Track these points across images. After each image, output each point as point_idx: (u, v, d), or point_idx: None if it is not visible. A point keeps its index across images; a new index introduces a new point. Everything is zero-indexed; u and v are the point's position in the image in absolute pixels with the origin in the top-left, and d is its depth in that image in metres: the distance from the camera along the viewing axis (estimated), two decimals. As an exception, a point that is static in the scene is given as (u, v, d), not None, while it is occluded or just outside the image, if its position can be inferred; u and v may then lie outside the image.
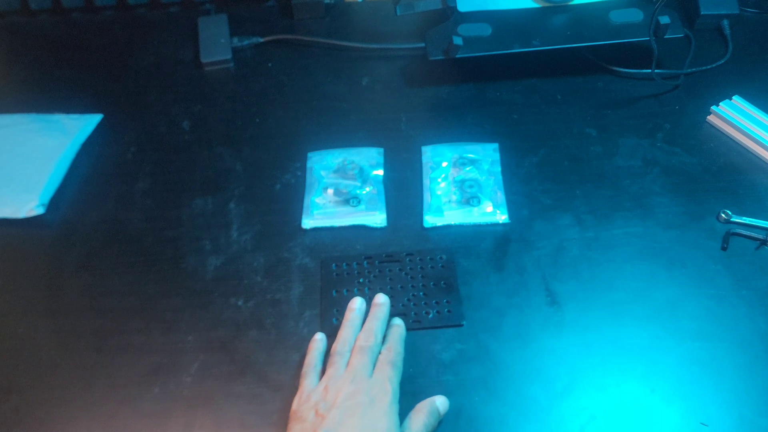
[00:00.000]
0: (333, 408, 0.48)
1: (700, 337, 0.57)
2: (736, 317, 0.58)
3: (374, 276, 0.62)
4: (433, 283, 0.61)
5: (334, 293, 0.60)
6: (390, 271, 0.62)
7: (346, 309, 0.57)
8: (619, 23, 0.77)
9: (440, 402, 0.52)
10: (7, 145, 0.72)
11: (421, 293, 0.60)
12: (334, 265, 0.62)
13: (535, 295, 0.60)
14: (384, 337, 0.55)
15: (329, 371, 0.51)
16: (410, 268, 0.62)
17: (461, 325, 0.58)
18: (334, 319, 0.58)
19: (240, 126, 0.76)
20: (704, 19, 0.84)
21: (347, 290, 0.61)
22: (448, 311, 0.59)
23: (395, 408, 0.49)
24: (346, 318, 0.56)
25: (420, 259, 0.63)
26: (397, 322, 0.56)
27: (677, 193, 0.68)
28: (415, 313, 0.59)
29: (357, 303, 0.57)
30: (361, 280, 0.61)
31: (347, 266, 0.62)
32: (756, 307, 0.59)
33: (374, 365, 0.51)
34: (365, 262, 0.63)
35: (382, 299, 0.57)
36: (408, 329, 0.57)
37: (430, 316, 0.59)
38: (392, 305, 0.58)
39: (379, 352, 0.53)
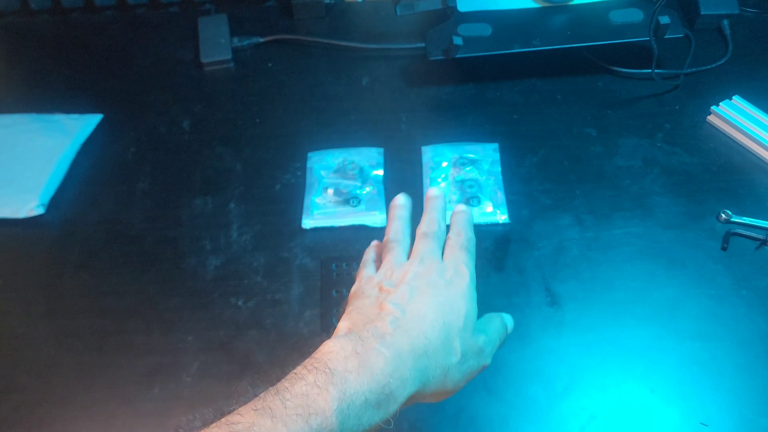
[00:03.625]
0: (401, 284, 0.41)
1: (700, 337, 0.57)
2: (736, 317, 0.58)
3: None
4: None
5: (334, 293, 0.60)
6: None
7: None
8: (619, 23, 0.77)
9: (508, 319, 0.47)
10: (7, 145, 0.72)
11: None
12: (334, 265, 0.62)
13: (535, 295, 0.60)
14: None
15: (388, 257, 0.45)
16: None
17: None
18: (334, 319, 0.58)
19: (240, 126, 0.76)
20: (704, 19, 0.84)
21: (347, 290, 0.60)
22: None
23: (473, 294, 0.42)
24: (391, 215, 0.49)
25: None
26: (462, 207, 0.49)
27: (677, 193, 0.68)
28: None
29: (402, 199, 0.50)
30: None
31: (347, 266, 0.62)
32: (756, 307, 0.59)
33: (442, 252, 0.45)
34: None
35: (436, 192, 0.49)
36: None
37: None
38: None
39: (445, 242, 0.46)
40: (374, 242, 0.50)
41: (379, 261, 0.47)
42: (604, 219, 0.66)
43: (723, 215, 0.65)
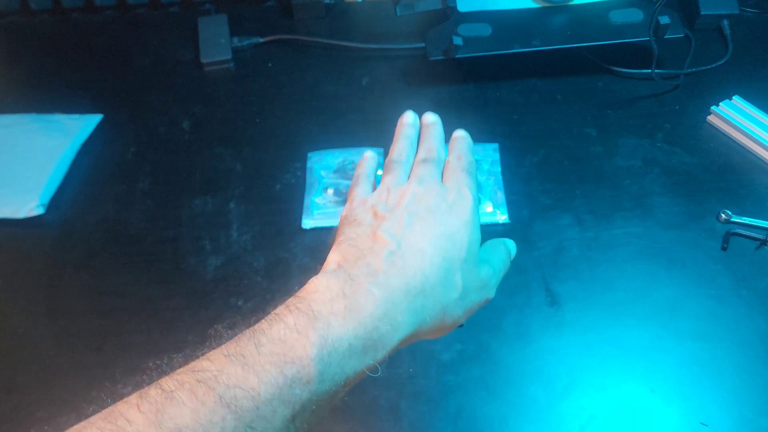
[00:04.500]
0: (397, 209, 0.37)
1: (700, 337, 0.57)
2: (736, 317, 0.58)
3: None
4: None
5: None
6: None
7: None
8: (619, 23, 0.77)
9: (511, 244, 0.44)
10: (7, 145, 0.72)
11: None
12: None
13: (535, 295, 0.60)
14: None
15: (386, 179, 0.41)
16: None
17: (461, 325, 0.58)
18: None
19: (240, 126, 0.76)
20: (704, 19, 0.84)
21: None
22: None
23: (477, 218, 0.39)
24: (398, 132, 0.46)
25: None
26: (461, 133, 0.46)
27: (677, 193, 0.68)
28: None
29: (410, 117, 0.46)
30: None
31: None
32: (756, 307, 0.59)
33: (442, 177, 0.42)
34: None
35: (432, 118, 0.46)
36: None
37: None
38: None
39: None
40: (367, 153, 0.46)
41: (373, 176, 0.45)
42: (604, 219, 0.66)
43: (723, 215, 0.65)
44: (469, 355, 0.56)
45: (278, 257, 0.64)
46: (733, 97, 0.74)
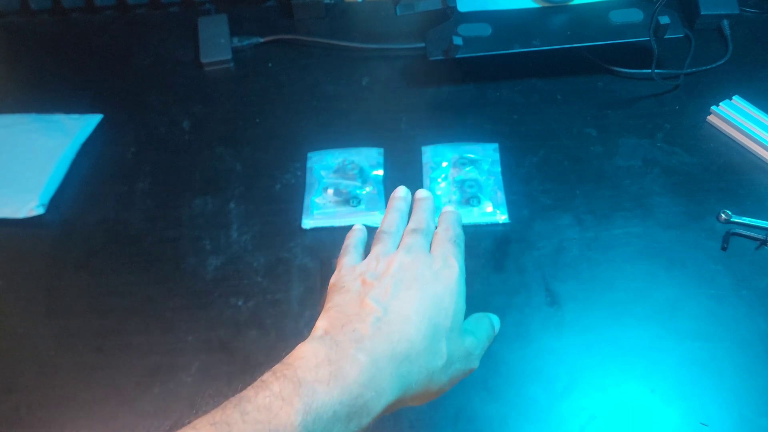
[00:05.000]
0: (385, 277, 0.38)
1: (700, 337, 0.57)
2: (736, 317, 0.58)
3: None
4: None
5: None
6: None
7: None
8: (619, 23, 0.77)
9: (495, 320, 0.45)
10: (7, 145, 0.72)
11: None
12: (334, 265, 0.62)
13: (535, 295, 0.60)
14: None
15: (376, 248, 0.42)
16: None
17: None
18: None
19: (240, 126, 0.76)
20: (704, 19, 0.84)
21: None
22: None
23: (463, 288, 0.39)
24: (390, 205, 0.47)
25: None
26: (450, 208, 0.47)
27: (677, 193, 0.68)
28: None
29: (402, 191, 0.48)
30: None
31: None
32: (756, 307, 0.59)
33: (430, 248, 0.43)
34: None
35: (425, 194, 0.48)
36: None
37: None
38: None
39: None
40: (356, 226, 0.48)
41: (362, 247, 0.46)
42: (604, 219, 0.66)
43: (723, 215, 0.65)
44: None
45: (278, 257, 0.64)
46: (733, 97, 0.74)
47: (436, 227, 0.46)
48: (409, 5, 0.76)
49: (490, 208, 0.66)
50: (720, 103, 0.73)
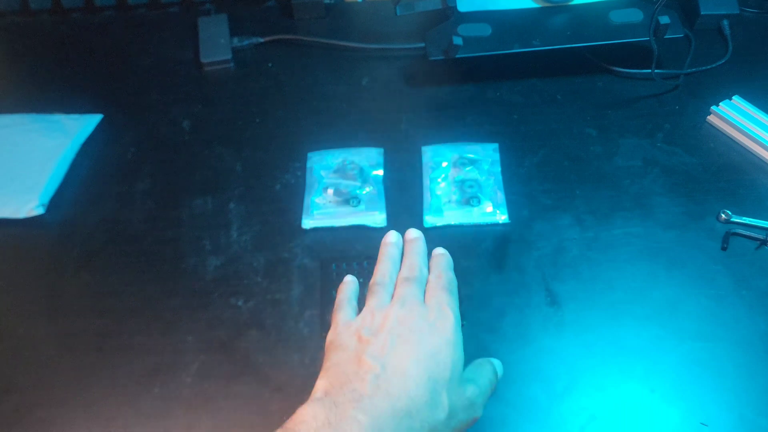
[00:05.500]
0: (381, 332, 0.39)
1: (700, 337, 0.57)
2: (736, 317, 0.58)
3: None
4: None
5: (334, 293, 0.60)
6: None
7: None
8: (619, 23, 0.77)
9: (498, 364, 0.45)
10: (7, 145, 0.72)
11: None
12: (334, 265, 0.62)
13: (535, 295, 0.60)
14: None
15: (370, 302, 0.43)
16: None
17: (462, 326, 0.58)
18: None
19: (240, 126, 0.76)
20: (704, 19, 0.84)
21: None
22: None
23: (459, 338, 0.40)
24: (381, 252, 0.48)
25: None
26: (440, 251, 0.48)
27: (677, 193, 0.68)
28: None
29: (393, 237, 0.49)
30: (361, 281, 0.61)
31: (347, 266, 0.62)
32: (756, 307, 0.59)
33: (424, 296, 0.43)
34: (365, 262, 0.62)
35: (415, 234, 0.49)
36: None
37: None
38: None
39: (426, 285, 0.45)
40: (347, 278, 0.48)
41: (355, 300, 0.46)
42: (604, 219, 0.66)
43: (723, 215, 0.65)
44: (469, 355, 0.56)
45: (278, 257, 0.64)
46: (733, 97, 0.74)
47: (429, 271, 0.46)
48: (409, 5, 0.76)
49: (490, 208, 0.66)
50: (720, 103, 0.73)
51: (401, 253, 0.48)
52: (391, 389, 0.35)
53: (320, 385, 0.37)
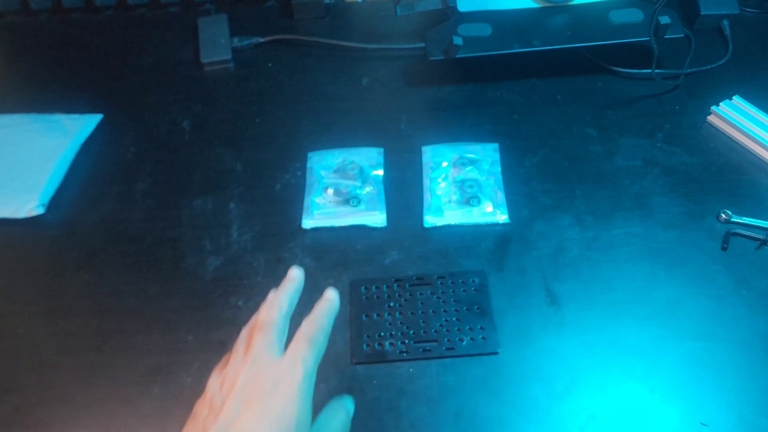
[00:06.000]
0: (228, 398, 0.39)
1: (700, 337, 0.57)
2: (736, 317, 0.58)
3: (405, 300, 0.60)
4: (466, 307, 0.59)
5: (364, 317, 0.59)
6: (421, 294, 0.60)
7: (375, 336, 0.56)
8: (619, 23, 0.77)
9: (349, 402, 0.45)
10: (7, 145, 0.72)
11: (453, 318, 0.58)
12: (363, 288, 0.61)
13: (535, 295, 0.60)
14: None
15: (230, 359, 0.42)
16: (442, 292, 0.60)
17: (497, 353, 0.56)
18: (364, 345, 0.57)
19: (240, 126, 0.76)
20: (704, 19, 0.84)
21: (377, 314, 0.59)
22: (483, 338, 0.57)
23: (306, 392, 0.39)
24: (280, 287, 0.47)
25: (452, 282, 0.61)
26: (331, 295, 0.46)
27: (677, 193, 0.68)
28: (448, 340, 0.57)
29: (294, 271, 0.48)
30: (391, 304, 0.60)
31: (377, 289, 0.61)
32: (756, 307, 0.59)
33: (284, 345, 0.42)
34: (395, 284, 0.61)
35: (295, 273, 0.47)
36: (441, 357, 0.56)
37: (464, 343, 0.57)
38: (424, 331, 0.57)
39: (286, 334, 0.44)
40: (266, 305, 0.45)
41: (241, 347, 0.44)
42: (604, 219, 0.66)
43: (723, 215, 0.65)
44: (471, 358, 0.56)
45: (278, 257, 0.64)
46: (733, 97, 0.74)
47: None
48: (409, 5, 0.76)
49: (490, 208, 0.66)
50: (720, 103, 0.73)
51: (297, 291, 0.47)
52: None
53: None
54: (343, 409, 0.44)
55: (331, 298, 0.46)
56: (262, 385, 0.38)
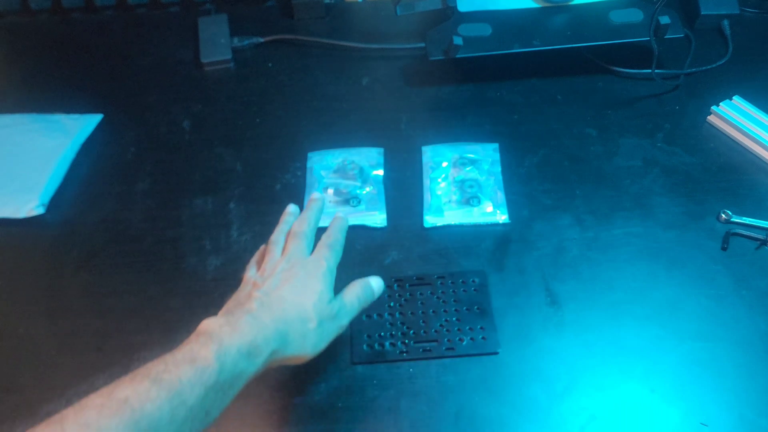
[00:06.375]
0: (269, 278, 0.50)
1: (700, 337, 0.57)
2: (736, 317, 0.58)
3: (405, 300, 0.60)
4: (466, 307, 0.59)
5: (364, 317, 0.59)
6: (421, 294, 0.60)
7: (375, 336, 0.58)
8: (619, 23, 0.77)
9: (375, 281, 0.54)
10: (7, 145, 0.72)
11: (454, 318, 0.58)
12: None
13: (535, 295, 0.60)
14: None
15: (265, 259, 0.53)
16: (442, 292, 0.60)
17: (496, 353, 0.57)
18: (364, 345, 0.57)
19: (240, 126, 0.76)
20: (704, 19, 0.84)
21: (378, 314, 0.59)
22: (483, 338, 0.57)
23: (329, 278, 0.51)
24: (280, 220, 0.57)
25: (452, 282, 0.61)
26: (339, 215, 0.58)
27: (677, 193, 0.68)
28: (449, 340, 0.57)
29: (291, 208, 0.58)
30: (392, 304, 0.60)
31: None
32: (756, 307, 0.59)
33: (311, 251, 0.53)
34: (395, 284, 0.61)
35: (316, 196, 0.58)
36: (441, 357, 0.56)
37: (464, 343, 0.57)
38: (424, 331, 0.57)
39: (314, 243, 0.54)
40: (262, 247, 0.56)
41: (254, 265, 0.54)
42: (604, 219, 0.66)
43: (723, 215, 0.65)
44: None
45: (278, 257, 0.64)
46: (733, 97, 0.74)
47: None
48: (409, 5, 0.76)
49: (490, 208, 0.66)
50: (720, 103, 0.73)
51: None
52: (271, 306, 0.48)
53: (221, 312, 0.49)
54: (359, 285, 0.53)
55: (342, 218, 0.57)
56: (296, 273, 0.50)
